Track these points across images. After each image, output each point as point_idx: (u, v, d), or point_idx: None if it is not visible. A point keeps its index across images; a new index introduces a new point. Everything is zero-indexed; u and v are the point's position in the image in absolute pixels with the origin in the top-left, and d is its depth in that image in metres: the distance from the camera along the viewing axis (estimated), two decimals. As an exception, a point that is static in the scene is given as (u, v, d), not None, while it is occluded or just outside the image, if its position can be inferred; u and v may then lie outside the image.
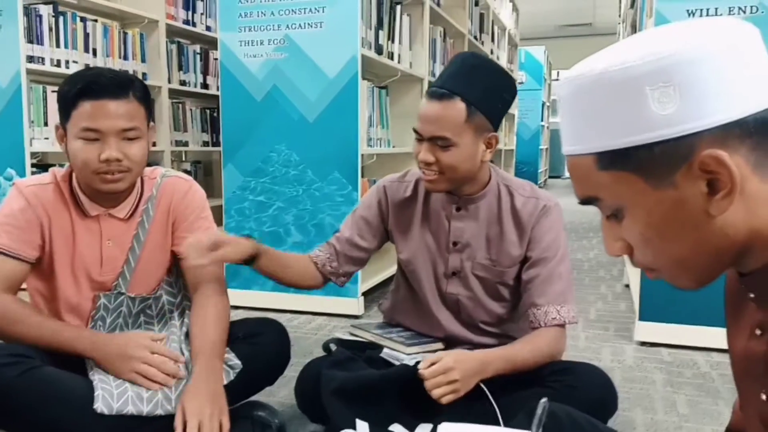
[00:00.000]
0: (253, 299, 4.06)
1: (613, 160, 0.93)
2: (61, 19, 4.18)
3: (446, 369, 1.87)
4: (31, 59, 3.97)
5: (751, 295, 1.03)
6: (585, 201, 1.02)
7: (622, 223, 0.99)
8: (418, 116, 2.06)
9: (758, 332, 1.02)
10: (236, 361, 2.08)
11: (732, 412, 1.22)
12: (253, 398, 2.27)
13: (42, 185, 2.07)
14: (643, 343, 3.52)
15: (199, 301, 2.14)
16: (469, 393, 1.91)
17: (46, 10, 4.08)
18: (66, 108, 1.96)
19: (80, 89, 1.92)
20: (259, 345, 2.18)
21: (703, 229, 0.92)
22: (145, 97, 2.03)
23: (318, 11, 3.89)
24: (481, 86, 2.03)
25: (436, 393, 1.86)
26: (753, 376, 1.05)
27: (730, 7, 3.17)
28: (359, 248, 2.33)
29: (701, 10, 3.18)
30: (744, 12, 3.15)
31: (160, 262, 2.20)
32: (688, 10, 3.20)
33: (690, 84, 0.87)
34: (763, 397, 1.02)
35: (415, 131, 2.07)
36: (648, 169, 0.91)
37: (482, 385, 1.93)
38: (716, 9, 3.17)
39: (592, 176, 0.97)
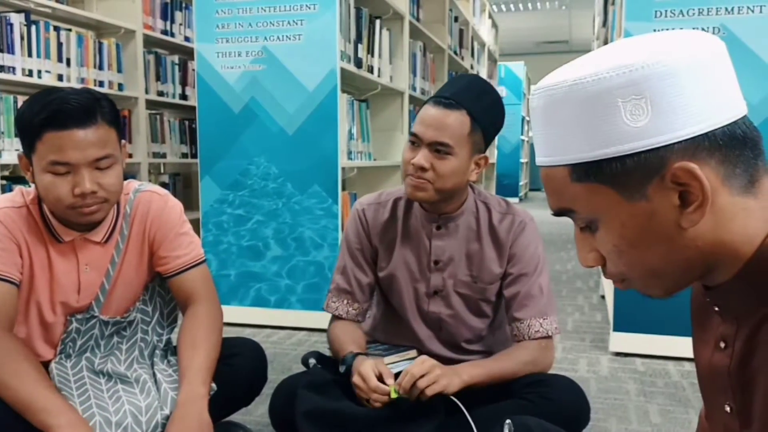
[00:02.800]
0: (231, 314, 3.99)
1: (587, 172, 0.94)
2: (33, 27, 4.11)
3: (431, 367, 1.91)
4: (1, 68, 3.90)
5: (716, 309, 1.03)
6: (559, 213, 1.03)
7: (596, 235, 0.99)
8: (417, 120, 2.05)
9: (722, 345, 1.03)
10: (212, 383, 1.99)
11: (698, 420, 1.23)
12: (229, 418, 2.23)
13: (15, 208, 1.93)
14: (618, 354, 3.58)
15: (190, 319, 2.06)
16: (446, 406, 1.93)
17: (17, 19, 4.00)
18: (29, 139, 1.81)
19: (44, 119, 1.76)
20: (235, 366, 2.11)
21: (675, 241, 0.93)
22: (114, 118, 1.89)
23: (296, 24, 3.87)
24: (484, 106, 2.06)
25: (422, 383, 1.89)
26: (717, 388, 1.06)
27: (694, 28, 3.21)
28: (368, 281, 2.29)
29: (666, 29, 3.20)
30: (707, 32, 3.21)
31: (135, 283, 2.11)
32: (654, 29, 3.29)
33: (661, 97, 0.88)
34: (727, 408, 1.03)
35: (413, 134, 2.05)
36: (621, 182, 0.92)
37: (455, 399, 1.93)
38: (681, 29, 3.18)
39: (565, 188, 0.97)
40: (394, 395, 1.92)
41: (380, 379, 1.95)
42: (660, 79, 0.87)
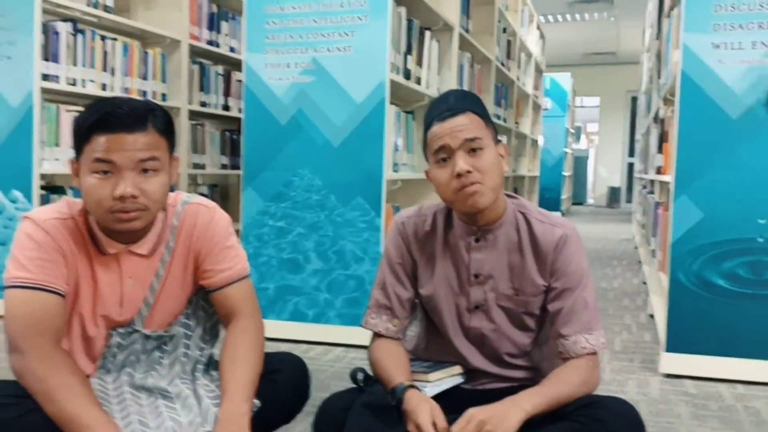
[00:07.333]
0: (268, 329, 3.85)
1: None
2: (79, 37, 4.12)
3: (480, 426, 1.80)
4: (45, 77, 3.90)
5: None
6: None
7: None
8: (435, 138, 2.01)
9: None
10: (254, 400, 1.94)
11: None
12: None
13: (61, 219, 1.90)
14: (668, 375, 3.51)
15: (232, 334, 2.02)
16: None
17: (64, 28, 4.02)
18: (79, 142, 1.81)
19: (94, 122, 1.77)
20: (277, 382, 2.05)
21: None
22: (167, 128, 1.87)
23: (347, 35, 3.85)
24: (479, 104, 2.06)
25: None
26: None
27: (753, 42, 3.32)
28: (408, 296, 2.23)
29: (726, 43, 3.34)
30: (767, 47, 3.29)
31: (179, 297, 2.06)
32: (713, 43, 3.36)
33: None
34: None
35: (438, 151, 2.00)
36: None
37: None
38: (740, 43, 3.34)
39: None
40: None
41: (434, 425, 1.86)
42: None
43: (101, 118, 1.77)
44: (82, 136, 1.80)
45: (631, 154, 17.95)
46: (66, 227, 1.90)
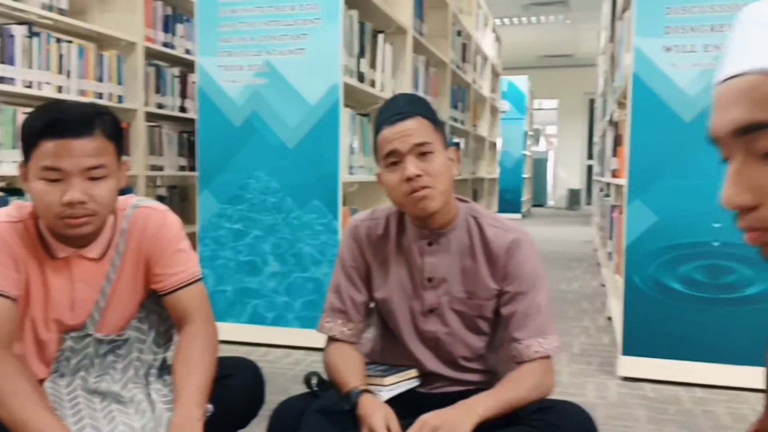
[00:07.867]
0: (227, 332, 3.91)
1: None
2: (35, 39, 4.08)
3: (433, 430, 1.81)
4: (1, 80, 3.87)
5: None
6: (747, 129, 0.86)
7: None
8: (385, 142, 2.02)
9: None
10: (208, 405, 1.93)
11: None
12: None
13: (11, 223, 1.90)
14: (626, 379, 3.51)
15: (184, 339, 2.02)
16: None
17: (19, 31, 3.98)
18: (27, 146, 1.81)
19: (41, 128, 1.77)
20: (231, 387, 2.05)
21: None
22: (114, 132, 1.87)
23: (299, 38, 3.86)
24: (428, 108, 2.08)
25: None
26: None
27: (705, 45, 3.32)
28: (362, 300, 2.23)
29: (677, 46, 3.34)
30: (718, 49, 3.30)
31: (130, 301, 2.06)
32: (665, 46, 3.36)
33: None
34: None
35: (388, 155, 2.01)
36: None
37: None
38: (692, 45, 3.33)
39: None
40: None
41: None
42: None
43: (49, 123, 1.77)
44: (30, 141, 1.80)
45: (590, 156, 18.11)
46: (16, 231, 1.90)
